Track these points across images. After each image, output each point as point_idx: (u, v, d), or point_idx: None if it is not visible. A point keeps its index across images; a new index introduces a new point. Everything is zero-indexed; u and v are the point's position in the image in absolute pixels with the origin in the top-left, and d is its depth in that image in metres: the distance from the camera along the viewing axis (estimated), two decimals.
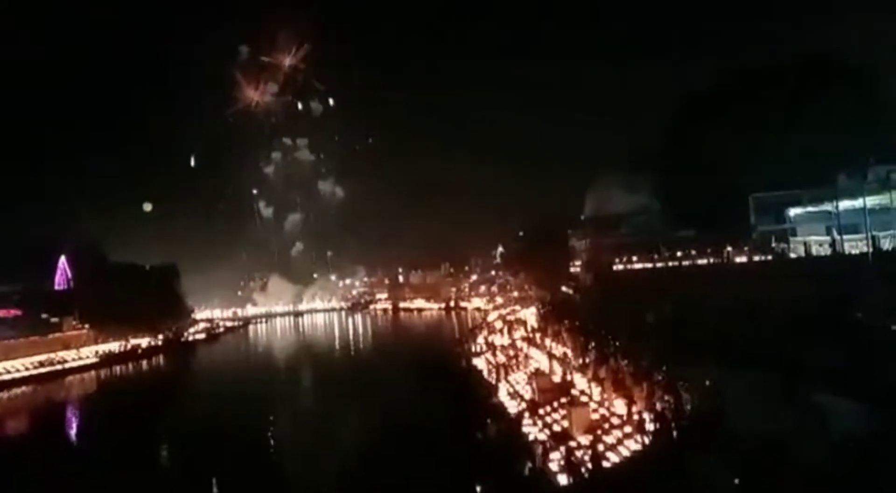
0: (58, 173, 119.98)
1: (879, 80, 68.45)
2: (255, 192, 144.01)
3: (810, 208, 49.71)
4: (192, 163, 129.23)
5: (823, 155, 51.72)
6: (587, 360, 39.45)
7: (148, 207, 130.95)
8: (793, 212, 51.71)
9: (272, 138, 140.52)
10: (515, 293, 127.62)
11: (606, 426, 27.94)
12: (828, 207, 46.30)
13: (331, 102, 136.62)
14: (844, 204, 43.70)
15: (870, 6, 76.11)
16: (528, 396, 36.27)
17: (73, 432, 51.88)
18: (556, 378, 37.56)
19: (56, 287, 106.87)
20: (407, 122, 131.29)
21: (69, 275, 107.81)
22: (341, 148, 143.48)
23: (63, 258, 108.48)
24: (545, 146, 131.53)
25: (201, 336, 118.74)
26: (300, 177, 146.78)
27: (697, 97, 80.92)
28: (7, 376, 70.21)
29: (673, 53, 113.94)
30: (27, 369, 73.67)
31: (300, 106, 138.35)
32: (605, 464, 23.80)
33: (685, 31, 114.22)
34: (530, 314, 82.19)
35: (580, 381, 36.05)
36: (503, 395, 38.99)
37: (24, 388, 69.09)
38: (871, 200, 41.61)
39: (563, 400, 32.16)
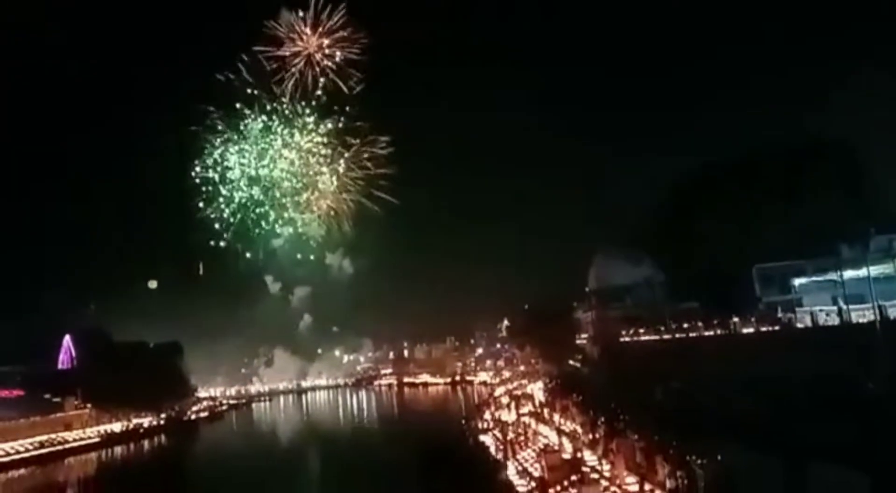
0: (63, 252, 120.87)
1: (869, 156, 69.90)
2: (262, 266, 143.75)
3: (815, 278, 49.84)
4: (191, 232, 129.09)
5: (821, 226, 52.34)
6: (597, 435, 38.81)
7: (153, 284, 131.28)
8: (797, 282, 51.80)
9: (280, 212, 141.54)
10: (522, 367, 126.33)
11: None
12: (832, 276, 46.43)
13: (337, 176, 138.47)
14: (849, 273, 43.85)
15: (855, 84, 78.79)
16: (537, 474, 35.50)
17: None
18: (566, 455, 36.84)
19: (61, 366, 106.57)
20: (412, 197, 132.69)
21: (73, 354, 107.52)
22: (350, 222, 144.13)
23: (68, 338, 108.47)
24: (548, 220, 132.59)
25: (204, 415, 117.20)
26: (308, 250, 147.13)
27: (697, 172, 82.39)
28: (6, 458, 69.01)
29: (673, 130, 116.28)
30: (27, 449, 72.50)
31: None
32: None
33: (684, 112, 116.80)
34: (538, 389, 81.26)
35: (590, 457, 35.37)
36: (512, 473, 38.15)
37: (23, 470, 67.80)
38: (875, 270, 41.81)
39: (574, 478, 31.46)
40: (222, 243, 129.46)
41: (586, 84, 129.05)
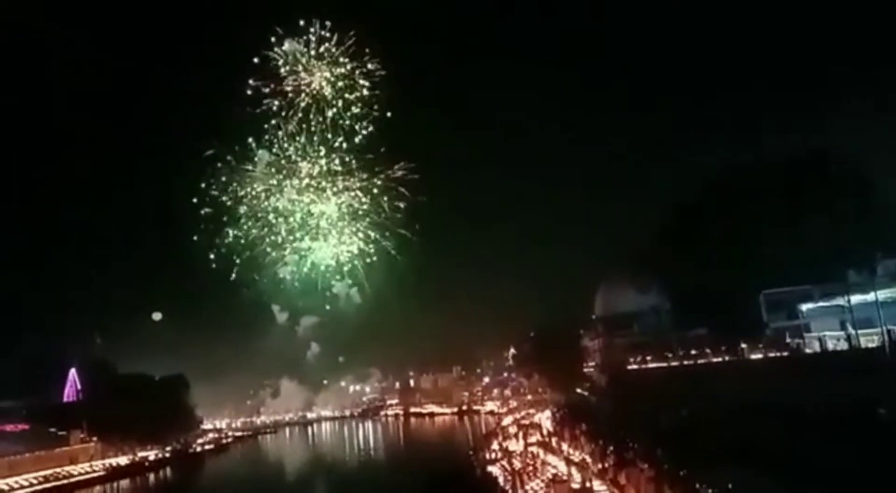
0: (67, 285, 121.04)
1: (875, 177, 69.86)
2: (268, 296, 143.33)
3: (822, 303, 49.56)
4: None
5: (829, 251, 52.20)
6: (606, 465, 38.43)
7: (157, 316, 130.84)
8: (805, 307, 51.51)
9: (287, 239, 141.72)
10: (529, 396, 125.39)
11: None
12: (840, 301, 46.19)
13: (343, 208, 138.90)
14: (856, 298, 43.63)
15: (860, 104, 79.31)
16: None
17: None
18: (575, 485, 36.43)
19: (66, 399, 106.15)
20: (419, 225, 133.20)
21: (78, 387, 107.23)
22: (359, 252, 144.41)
23: (73, 371, 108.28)
24: (553, 248, 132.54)
25: (210, 448, 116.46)
26: (315, 280, 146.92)
27: (700, 196, 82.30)
28: None
29: (676, 153, 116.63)
30: (31, 484, 71.89)
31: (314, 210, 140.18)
32: None
33: (689, 131, 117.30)
34: (545, 418, 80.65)
35: (599, 487, 34.99)
36: None
37: None
38: (883, 294, 41.58)
39: None
40: (229, 274, 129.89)
41: (591, 101, 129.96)
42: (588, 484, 35.91)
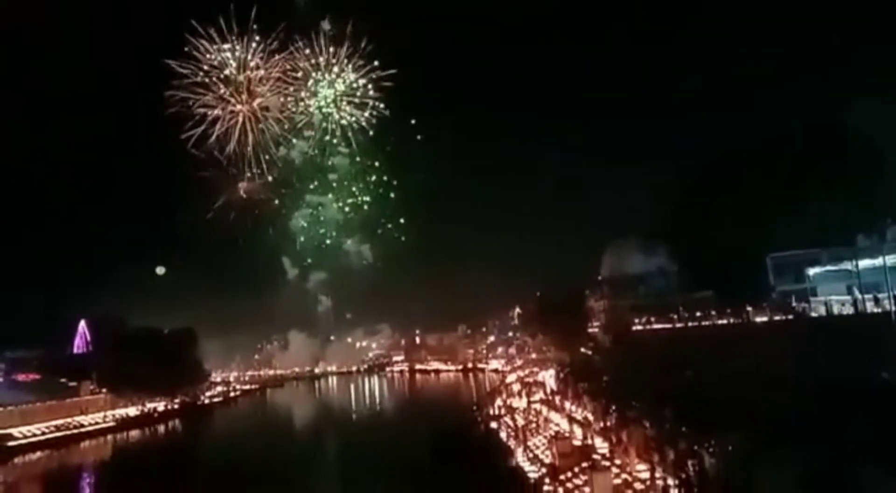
0: (78, 239, 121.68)
1: (885, 146, 69.03)
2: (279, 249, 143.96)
3: (830, 267, 49.41)
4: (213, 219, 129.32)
5: (838, 216, 51.86)
6: (608, 423, 38.83)
7: (161, 270, 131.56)
8: (812, 271, 51.36)
9: (299, 195, 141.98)
10: (533, 355, 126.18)
11: (629, 491, 27.30)
12: (848, 266, 46.04)
13: (357, 158, 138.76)
14: (864, 263, 43.46)
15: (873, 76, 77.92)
16: (548, 460, 35.58)
17: None
18: (577, 442, 36.89)
19: (76, 351, 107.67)
20: (426, 183, 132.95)
21: (88, 339, 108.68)
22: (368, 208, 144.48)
23: (83, 323, 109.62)
24: (562, 209, 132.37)
25: (218, 400, 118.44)
26: (326, 235, 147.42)
27: (713, 161, 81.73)
28: (24, 441, 70.00)
29: (689, 119, 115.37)
30: (43, 433, 73.44)
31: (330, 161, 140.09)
32: None
33: (701, 99, 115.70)
34: (549, 376, 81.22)
35: (601, 445, 35.40)
36: (523, 459, 38.26)
37: (39, 453, 68.75)
38: (892, 259, 41.39)
39: (585, 465, 31.52)
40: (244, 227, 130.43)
41: (602, 68, 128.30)
42: (590, 441, 36.35)
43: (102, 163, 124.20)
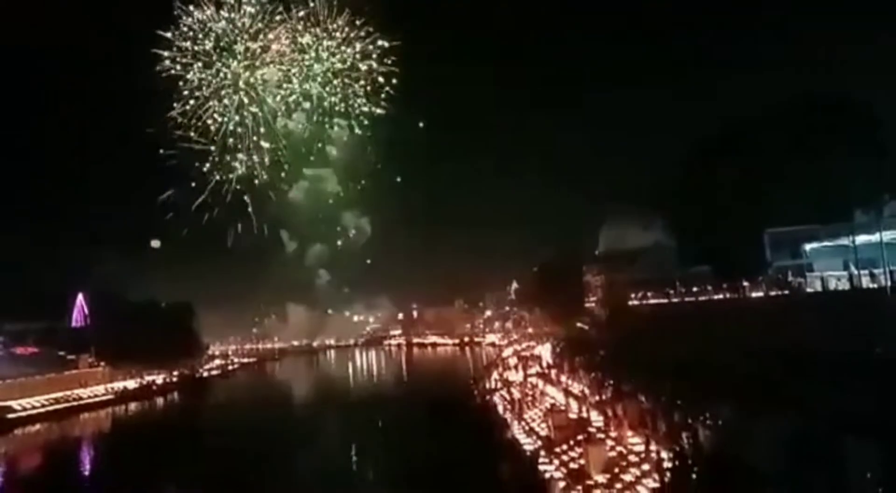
0: (77, 212, 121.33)
1: (884, 117, 68.70)
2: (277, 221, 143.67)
3: (827, 243, 49.36)
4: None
5: (835, 192, 51.73)
6: (604, 397, 39.14)
7: (156, 243, 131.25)
8: (809, 247, 51.36)
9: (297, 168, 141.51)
10: (530, 329, 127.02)
11: (624, 464, 27.60)
12: (845, 241, 46.00)
13: (357, 130, 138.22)
14: (861, 238, 43.42)
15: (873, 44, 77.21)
16: (544, 433, 35.93)
17: (85, 471, 51.67)
18: (573, 415, 37.23)
19: (74, 325, 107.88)
20: (425, 156, 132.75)
21: (87, 312, 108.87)
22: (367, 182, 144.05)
23: (81, 296, 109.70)
24: (559, 183, 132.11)
25: (216, 373, 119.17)
26: (325, 207, 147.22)
27: (709, 137, 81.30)
28: (23, 413, 70.39)
29: (686, 94, 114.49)
30: (43, 405, 73.85)
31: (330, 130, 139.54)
32: None
33: (702, 70, 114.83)
34: (545, 350, 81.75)
35: (597, 418, 35.71)
36: (519, 432, 38.63)
37: (38, 425, 69.21)
38: (888, 235, 41.38)
39: (580, 437, 31.84)
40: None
41: (599, 42, 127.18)
42: (585, 414, 36.68)
43: (98, 136, 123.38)
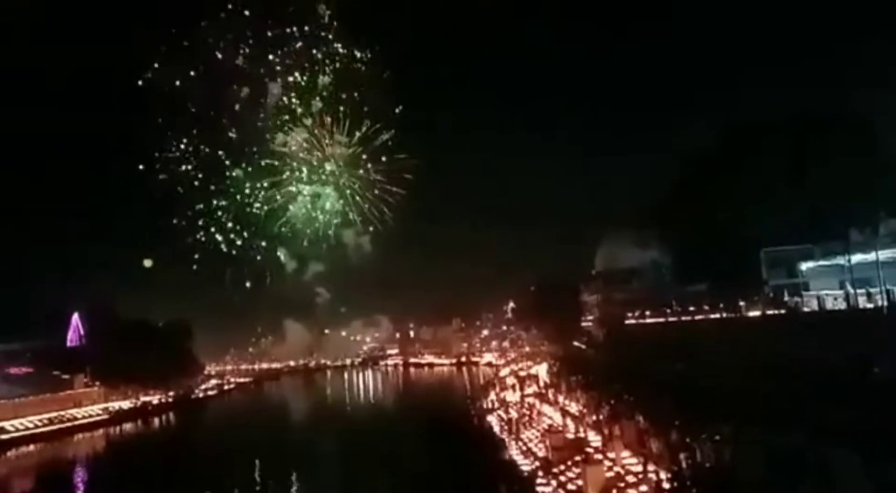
0: (73, 231, 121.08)
1: (881, 135, 69.01)
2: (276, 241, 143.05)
3: (823, 262, 49.49)
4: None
5: (830, 210, 51.89)
6: (601, 417, 38.94)
7: (148, 263, 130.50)
8: (805, 266, 51.50)
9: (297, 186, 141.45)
10: (527, 349, 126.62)
11: (622, 485, 27.38)
12: (840, 260, 46.07)
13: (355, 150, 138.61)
14: (857, 258, 43.50)
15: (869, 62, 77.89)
16: (541, 453, 35.68)
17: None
18: (570, 435, 37.02)
19: (69, 344, 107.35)
20: (422, 179, 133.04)
21: (82, 332, 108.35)
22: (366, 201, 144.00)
23: (76, 315, 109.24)
24: (556, 203, 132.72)
25: (212, 393, 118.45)
26: (324, 226, 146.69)
27: (704, 155, 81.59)
28: (17, 434, 69.85)
29: (680, 112, 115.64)
30: (36, 426, 73.29)
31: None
32: None
33: (692, 90, 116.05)
34: (542, 370, 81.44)
35: (594, 438, 35.51)
36: (516, 452, 38.37)
37: (31, 446, 68.60)
38: (884, 254, 41.46)
39: (578, 458, 31.62)
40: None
41: (597, 59, 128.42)
42: (583, 435, 36.48)
43: (94, 156, 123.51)
